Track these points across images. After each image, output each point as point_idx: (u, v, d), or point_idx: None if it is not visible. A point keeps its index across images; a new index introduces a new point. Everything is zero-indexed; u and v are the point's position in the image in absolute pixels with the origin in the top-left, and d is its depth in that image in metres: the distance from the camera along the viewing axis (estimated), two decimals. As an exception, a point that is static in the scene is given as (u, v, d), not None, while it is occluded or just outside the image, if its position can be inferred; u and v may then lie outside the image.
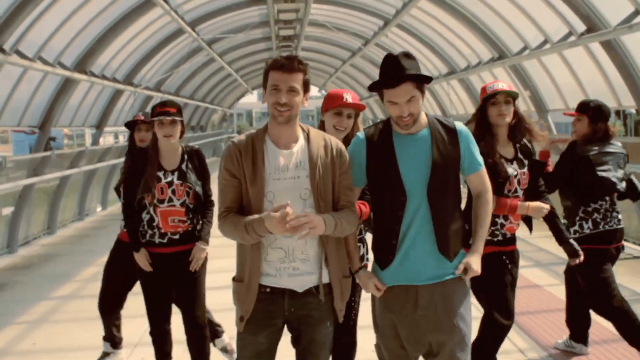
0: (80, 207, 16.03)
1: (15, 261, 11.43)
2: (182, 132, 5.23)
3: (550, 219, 5.33)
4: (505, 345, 6.48)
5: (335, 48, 25.78)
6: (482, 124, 4.94)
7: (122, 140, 27.88)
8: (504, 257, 4.99)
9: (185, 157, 5.28)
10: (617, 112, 40.33)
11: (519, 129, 4.99)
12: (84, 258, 11.22)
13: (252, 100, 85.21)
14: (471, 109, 18.00)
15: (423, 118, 3.85)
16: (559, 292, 7.64)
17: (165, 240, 5.20)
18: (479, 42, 14.59)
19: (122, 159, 6.38)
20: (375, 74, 26.53)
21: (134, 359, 6.45)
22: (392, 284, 3.85)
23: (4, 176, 11.99)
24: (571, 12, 10.47)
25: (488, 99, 4.93)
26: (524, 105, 14.79)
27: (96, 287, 9.09)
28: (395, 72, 3.70)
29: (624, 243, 6.18)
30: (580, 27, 10.52)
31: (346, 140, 4.33)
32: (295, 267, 3.69)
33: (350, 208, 3.78)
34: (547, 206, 5.10)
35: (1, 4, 9.77)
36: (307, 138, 3.77)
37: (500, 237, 4.99)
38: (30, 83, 12.48)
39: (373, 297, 4.08)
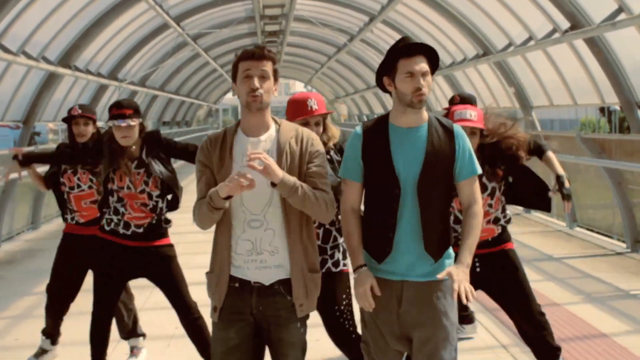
0: (64, 202, 15.92)
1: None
2: (142, 131, 5.26)
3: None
4: (489, 341, 6.54)
5: (320, 44, 25.77)
6: None
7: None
8: (475, 260, 4.82)
9: (145, 146, 5.27)
10: (602, 109, 40.52)
11: (498, 153, 5.03)
12: (68, 253, 11.15)
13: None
14: (456, 105, 18.01)
15: (424, 113, 3.84)
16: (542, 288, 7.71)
17: (129, 232, 5.23)
18: (463, 38, 14.62)
19: None
20: (361, 70, 26.59)
21: (117, 354, 6.43)
22: (380, 276, 3.84)
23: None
24: (555, 9, 10.51)
25: None
26: (508, 102, 14.85)
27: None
28: (416, 44, 3.77)
29: (609, 239, 6.20)
30: (565, 24, 10.57)
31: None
32: (262, 259, 3.68)
33: (323, 191, 3.74)
34: None
35: (-16, -2, 9.72)
36: (278, 129, 3.79)
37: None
38: (14, 77, 12.41)
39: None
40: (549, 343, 5.14)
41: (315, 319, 4.30)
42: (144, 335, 6.38)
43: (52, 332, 6.31)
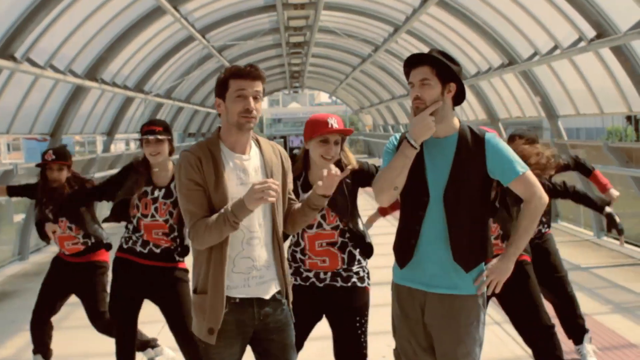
0: (92, 214, 16.01)
1: (27, 268, 11.46)
2: (171, 151, 5.30)
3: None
4: (517, 351, 6.49)
5: (345, 54, 25.78)
6: None
7: (133, 147, 27.91)
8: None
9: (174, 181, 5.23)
10: (629, 118, 40.21)
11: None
12: (95, 265, 11.21)
13: (262, 106, 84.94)
14: (482, 116, 17.98)
15: (455, 123, 3.84)
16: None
17: (146, 251, 5.27)
18: (489, 48, 14.56)
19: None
20: (386, 80, 26.61)
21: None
22: (405, 284, 3.86)
23: (16, 183, 12.01)
24: (581, 18, 10.44)
25: None
26: (534, 111, 14.77)
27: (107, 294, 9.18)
28: (417, 54, 3.83)
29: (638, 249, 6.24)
30: (590, 32, 10.50)
31: (338, 165, 4.28)
32: (261, 275, 3.71)
33: None
34: None
35: (12, 13, 9.82)
36: (258, 144, 3.83)
37: None
38: (41, 91, 12.54)
39: (393, 299, 4.00)
40: (556, 356, 5.16)
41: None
42: (155, 340, 6.46)
43: (43, 349, 6.51)
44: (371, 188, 3.95)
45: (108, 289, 5.89)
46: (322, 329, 4.59)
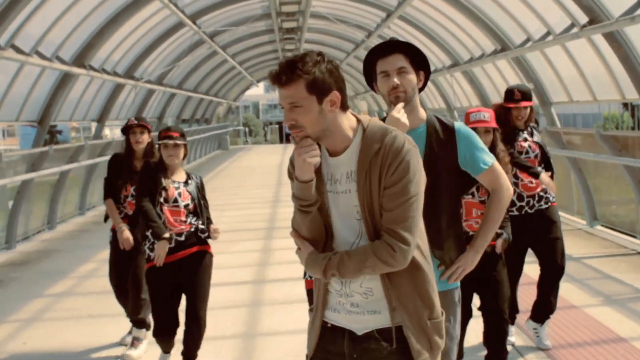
0: (82, 201, 15.93)
1: (13, 257, 11.34)
2: (185, 155, 5.79)
3: None
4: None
5: (338, 40, 25.65)
6: None
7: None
8: None
9: (190, 179, 5.83)
10: (625, 105, 40.08)
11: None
12: (83, 254, 11.13)
13: (258, 92, 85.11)
14: (475, 102, 17.86)
15: (422, 113, 3.70)
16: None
17: (172, 244, 5.59)
18: (481, 34, 14.43)
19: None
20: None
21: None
22: None
23: (2, 170, 11.90)
24: (573, 4, 10.29)
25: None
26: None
27: (92, 284, 9.16)
28: (388, 42, 3.67)
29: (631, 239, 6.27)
30: (583, 18, 10.36)
31: None
32: (354, 302, 2.94)
33: None
34: None
35: (-5, -2, 9.66)
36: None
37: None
38: (28, 78, 12.38)
39: None
40: (500, 348, 5.17)
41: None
42: (148, 327, 6.52)
43: (138, 319, 6.56)
44: None
45: None
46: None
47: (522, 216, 6.10)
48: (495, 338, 5.13)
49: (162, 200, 5.62)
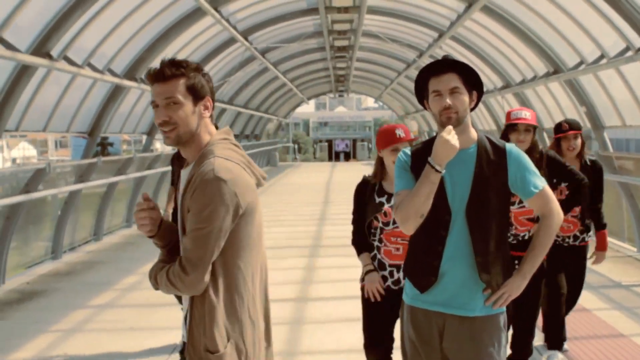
0: (129, 214, 16.05)
1: (59, 267, 11.44)
2: None
3: None
4: None
5: (390, 59, 25.57)
6: None
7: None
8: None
9: None
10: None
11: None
12: (127, 266, 11.20)
13: (309, 110, 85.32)
14: (526, 124, 17.60)
15: (473, 133, 3.62)
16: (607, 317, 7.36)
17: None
18: (534, 55, 14.26)
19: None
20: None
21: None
22: (421, 306, 3.64)
23: (50, 182, 12.04)
24: (628, 27, 10.11)
25: (510, 126, 5.41)
26: (579, 122, 14.39)
27: (134, 296, 9.18)
28: (442, 61, 3.60)
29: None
30: (638, 41, 10.17)
31: None
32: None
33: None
34: None
35: (49, 9, 9.79)
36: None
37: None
38: (80, 89, 12.56)
39: (405, 322, 3.81)
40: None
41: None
42: None
43: None
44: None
45: None
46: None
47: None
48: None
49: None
